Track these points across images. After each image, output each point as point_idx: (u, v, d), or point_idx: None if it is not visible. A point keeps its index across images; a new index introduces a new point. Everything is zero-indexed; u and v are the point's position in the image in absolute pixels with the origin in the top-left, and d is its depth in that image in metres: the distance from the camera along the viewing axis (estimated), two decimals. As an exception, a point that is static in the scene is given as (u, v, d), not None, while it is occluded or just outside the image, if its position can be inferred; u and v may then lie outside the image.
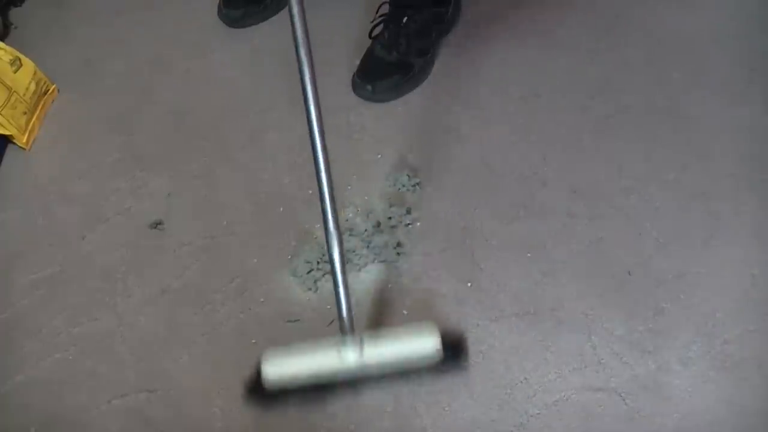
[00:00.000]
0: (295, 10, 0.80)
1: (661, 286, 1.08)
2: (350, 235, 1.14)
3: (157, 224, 1.18)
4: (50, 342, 1.10)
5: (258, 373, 0.95)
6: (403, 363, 0.96)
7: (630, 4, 1.41)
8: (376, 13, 1.32)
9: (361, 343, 0.93)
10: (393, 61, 1.29)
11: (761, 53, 1.32)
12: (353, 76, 1.32)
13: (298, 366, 0.94)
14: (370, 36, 1.32)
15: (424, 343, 0.96)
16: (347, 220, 1.17)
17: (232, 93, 1.36)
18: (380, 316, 1.08)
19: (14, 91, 1.28)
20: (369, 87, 1.30)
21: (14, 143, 1.31)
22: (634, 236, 1.13)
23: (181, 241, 1.18)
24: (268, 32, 1.45)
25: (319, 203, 0.89)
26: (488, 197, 1.18)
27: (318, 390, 0.97)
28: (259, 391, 0.97)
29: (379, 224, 1.16)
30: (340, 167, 1.23)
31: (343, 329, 0.93)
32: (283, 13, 1.33)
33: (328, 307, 1.08)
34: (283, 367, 0.94)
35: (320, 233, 1.15)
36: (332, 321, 1.05)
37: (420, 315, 1.07)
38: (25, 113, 1.31)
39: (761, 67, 1.30)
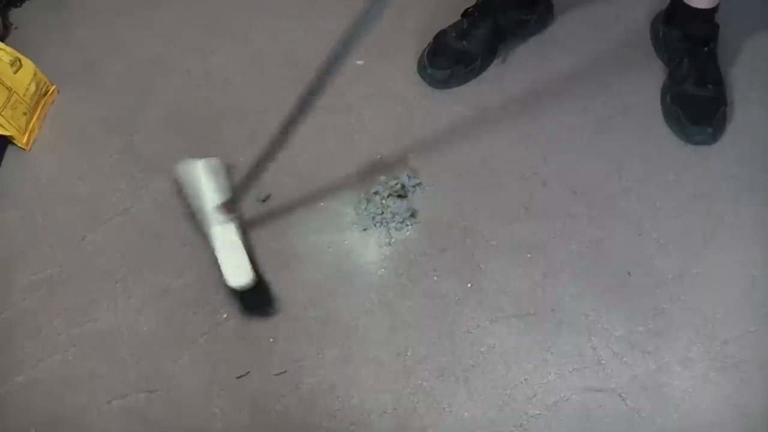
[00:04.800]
0: None
1: (661, 287, 1.08)
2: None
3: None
4: (50, 342, 1.10)
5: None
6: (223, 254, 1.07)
7: (630, 4, 1.41)
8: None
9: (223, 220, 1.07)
10: (461, 50, 1.30)
11: (761, 53, 1.32)
12: (422, 55, 1.34)
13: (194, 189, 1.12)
14: (464, 13, 1.34)
15: (239, 268, 1.04)
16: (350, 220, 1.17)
17: (232, 93, 1.36)
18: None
19: (14, 92, 1.28)
20: (430, 71, 1.31)
21: (14, 144, 1.31)
22: (634, 236, 1.13)
23: (181, 241, 1.18)
24: (272, 33, 1.45)
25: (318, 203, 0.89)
26: (488, 197, 1.18)
27: None
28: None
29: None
30: (340, 167, 1.24)
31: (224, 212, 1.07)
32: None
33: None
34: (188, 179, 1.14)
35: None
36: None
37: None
38: (25, 114, 1.31)
39: (761, 67, 1.30)
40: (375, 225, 1.15)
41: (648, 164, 1.20)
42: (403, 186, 1.18)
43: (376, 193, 1.17)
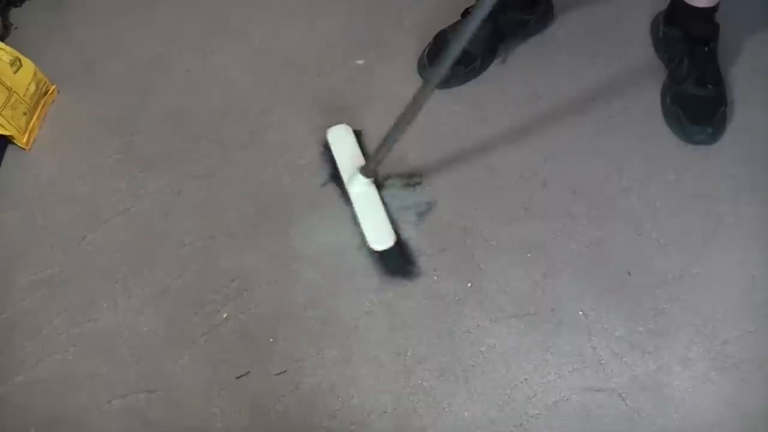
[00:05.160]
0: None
1: (661, 287, 1.08)
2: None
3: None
4: (50, 342, 1.10)
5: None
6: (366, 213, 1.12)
7: (630, 4, 1.41)
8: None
9: (365, 180, 1.12)
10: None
11: (761, 53, 1.32)
12: (422, 55, 1.34)
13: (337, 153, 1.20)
14: (464, 13, 1.32)
15: (382, 230, 1.09)
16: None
17: (232, 93, 1.36)
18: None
19: (14, 92, 1.28)
20: (430, 70, 1.30)
21: (14, 144, 1.31)
22: (634, 236, 1.13)
23: (181, 241, 1.18)
24: (272, 32, 1.45)
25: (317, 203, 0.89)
26: (488, 197, 1.18)
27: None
28: None
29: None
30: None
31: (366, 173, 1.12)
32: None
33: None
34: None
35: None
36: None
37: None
38: (25, 114, 1.31)
39: (761, 67, 1.30)
40: (401, 218, 1.16)
41: (648, 164, 1.20)
42: (410, 182, 1.19)
43: (390, 186, 1.18)
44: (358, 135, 1.23)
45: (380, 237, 1.09)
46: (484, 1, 0.79)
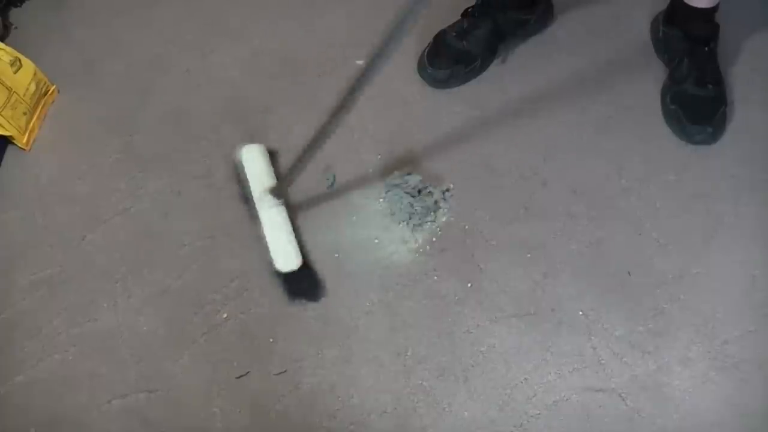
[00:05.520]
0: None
1: (661, 286, 1.08)
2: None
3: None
4: (50, 342, 1.10)
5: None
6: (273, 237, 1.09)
7: (630, 4, 1.41)
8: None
9: (274, 200, 1.10)
10: (461, 50, 1.30)
11: (761, 53, 1.32)
12: (422, 55, 1.34)
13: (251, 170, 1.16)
14: (464, 13, 1.34)
15: (288, 252, 1.07)
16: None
17: (232, 93, 1.36)
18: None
19: (14, 92, 1.28)
20: (430, 71, 1.31)
21: (14, 144, 1.31)
22: (634, 236, 1.13)
23: (181, 241, 1.18)
24: (272, 32, 1.45)
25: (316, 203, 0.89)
26: (488, 197, 1.18)
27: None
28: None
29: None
30: (340, 168, 1.24)
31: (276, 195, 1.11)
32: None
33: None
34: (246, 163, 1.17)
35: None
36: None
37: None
38: (25, 114, 1.31)
39: (761, 67, 1.30)
40: (408, 219, 1.16)
41: (648, 164, 1.20)
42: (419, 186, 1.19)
43: (394, 186, 1.18)
44: (272, 155, 1.21)
45: (287, 259, 1.07)
46: None
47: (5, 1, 1.53)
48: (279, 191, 1.10)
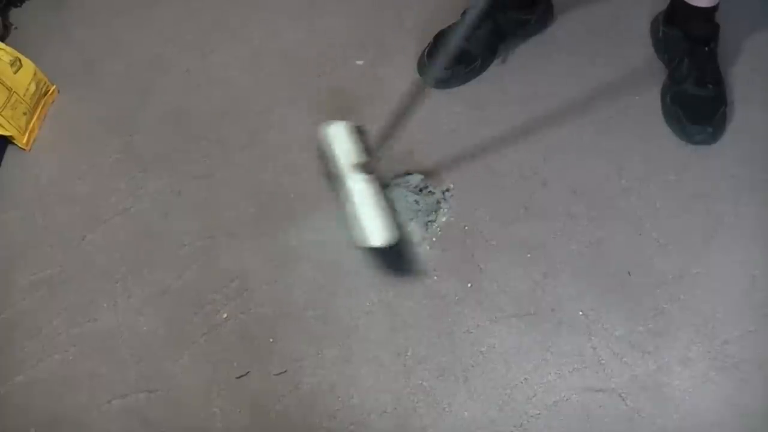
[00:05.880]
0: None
1: (661, 286, 1.08)
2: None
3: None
4: (50, 342, 1.10)
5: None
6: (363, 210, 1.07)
7: (630, 4, 1.41)
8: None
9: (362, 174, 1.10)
10: (461, 50, 1.30)
11: (761, 53, 1.32)
12: (422, 55, 1.34)
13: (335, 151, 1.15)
14: (464, 13, 1.33)
15: (382, 226, 1.04)
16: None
17: (232, 93, 1.36)
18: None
19: (14, 92, 1.28)
20: (431, 70, 1.31)
21: (14, 144, 1.31)
22: (634, 236, 1.13)
23: (181, 241, 1.18)
24: (272, 32, 1.45)
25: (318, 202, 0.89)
26: (488, 197, 1.18)
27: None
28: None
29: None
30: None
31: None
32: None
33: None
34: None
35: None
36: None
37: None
38: (25, 114, 1.31)
39: (761, 67, 1.30)
40: (414, 218, 1.16)
41: (648, 164, 1.20)
42: (423, 187, 1.19)
43: (396, 186, 1.18)
44: (358, 131, 1.20)
45: (380, 232, 1.06)
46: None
47: (5, 1, 1.54)
48: (368, 167, 1.10)
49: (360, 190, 1.10)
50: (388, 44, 1.38)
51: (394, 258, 1.11)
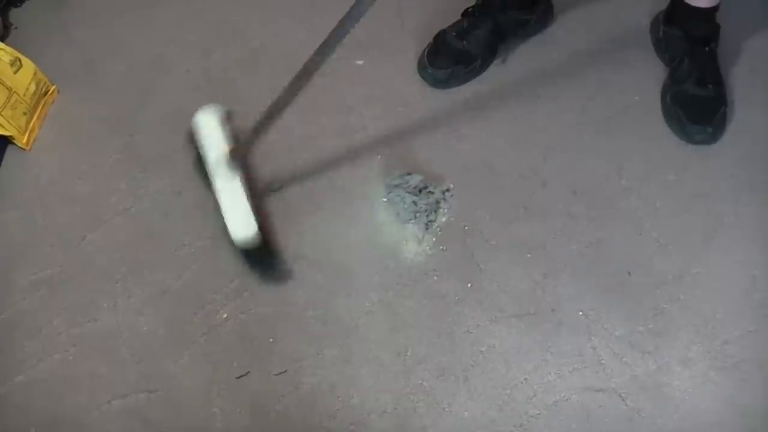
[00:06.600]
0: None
1: (661, 287, 1.08)
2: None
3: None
4: (50, 342, 1.10)
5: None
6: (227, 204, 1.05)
7: (630, 4, 1.41)
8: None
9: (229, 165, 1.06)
10: (461, 50, 1.30)
11: (761, 53, 1.32)
12: (422, 55, 1.34)
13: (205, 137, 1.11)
14: (464, 13, 1.34)
15: (243, 221, 1.02)
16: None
17: (232, 93, 1.36)
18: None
19: (14, 92, 1.28)
20: (430, 71, 1.31)
21: (14, 144, 1.31)
22: (634, 236, 1.13)
23: (181, 241, 1.18)
24: (272, 33, 1.45)
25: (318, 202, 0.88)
26: (488, 197, 1.18)
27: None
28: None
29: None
30: (339, 168, 1.24)
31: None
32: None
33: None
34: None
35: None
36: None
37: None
38: (25, 114, 1.31)
39: (761, 67, 1.30)
40: (413, 219, 1.15)
41: (648, 164, 1.20)
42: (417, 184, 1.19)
43: (395, 187, 1.18)
44: (229, 117, 1.15)
45: (242, 227, 1.03)
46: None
47: (5, 1, 1.53)
48: (236, 156, 1.06)
49: (224, 183, 1.07)
50: (388, 44, 1.38)
51: (255, 259, 1.09)
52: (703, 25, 1.23)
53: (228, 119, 1.13)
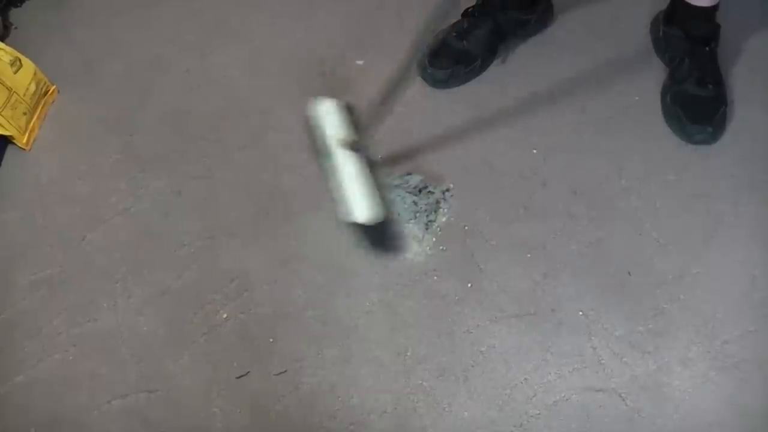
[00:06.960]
0: None
1: (661, 287, 1.08)
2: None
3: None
4: (50, 342, 1.10)
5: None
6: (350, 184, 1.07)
7: (630, 4, 1.41)
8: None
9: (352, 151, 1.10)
10: (461, 50, 1.30)
11: (761, 53, 1.32)
12: (422, 56, 1.33)
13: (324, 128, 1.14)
14: (464, 13, 1.34)
15: (366, 202, 1.04)
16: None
17: (232, 93, 1.36)
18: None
19: (14, 92, 1.28)
20: (430, 71, 1.31)
21: (14, 144, 1.31)
22: (634, 236, 1.13)
23: (181, 241, 1.18)
24: (272, 32, 1.45)
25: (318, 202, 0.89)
26: (488, 197, 1.18)
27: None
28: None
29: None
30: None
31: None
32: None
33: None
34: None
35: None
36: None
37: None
38: (25, 114, 1.31)
39: (761, 67, 1.30)
40: (413, 219, 1.16)
41: (648, 164, 1.20)
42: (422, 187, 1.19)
43: (395, 187, 1.18)
44: (348, 109, 1.18)
45: (364, 209, 1.05)
46: None
47: (5, 1, 1.53)
48: (356, 144, 1.09)
49: (346, 167, 1.09)
50: (388, 44, 1.38)
51: (378, 236, 1.11)
52: (703, 25, 1.23)
53: (346, 110, 1.16)
